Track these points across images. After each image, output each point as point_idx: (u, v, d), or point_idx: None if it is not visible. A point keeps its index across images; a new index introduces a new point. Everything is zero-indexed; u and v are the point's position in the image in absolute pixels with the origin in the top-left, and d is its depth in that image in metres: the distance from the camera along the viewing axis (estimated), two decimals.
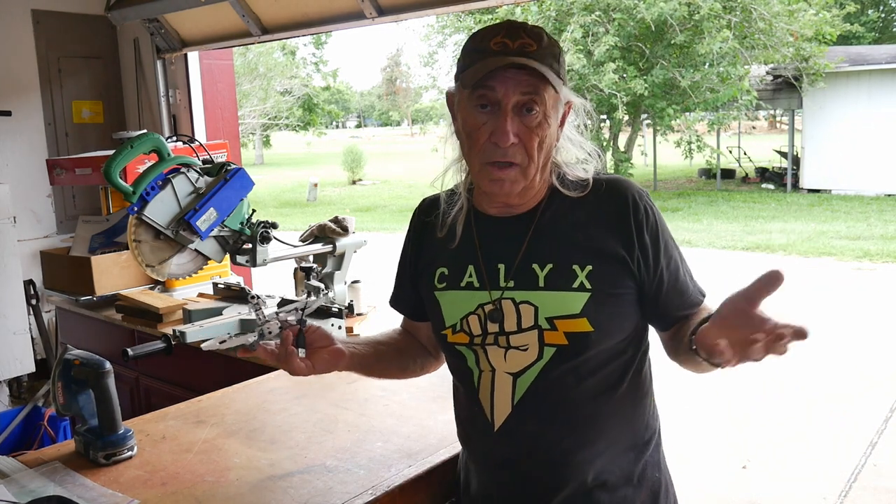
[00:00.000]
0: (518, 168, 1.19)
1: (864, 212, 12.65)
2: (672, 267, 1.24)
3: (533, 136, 1.18)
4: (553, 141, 1.22)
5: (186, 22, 3.48)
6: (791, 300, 7.29)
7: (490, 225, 1.28)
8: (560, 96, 1.19)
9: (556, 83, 1.17)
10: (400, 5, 2.71)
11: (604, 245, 1.21)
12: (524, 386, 1.22)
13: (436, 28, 18.25)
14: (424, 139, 28.26)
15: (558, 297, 1.20)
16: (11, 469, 1.48)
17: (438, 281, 1.31)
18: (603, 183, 1.25)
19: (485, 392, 1.26)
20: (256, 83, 22.16)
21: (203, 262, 1.96)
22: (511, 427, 1.23)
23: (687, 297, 1.26)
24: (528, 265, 1.23)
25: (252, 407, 1.80)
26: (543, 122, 1.18)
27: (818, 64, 14.43)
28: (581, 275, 1.19)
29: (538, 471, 1.24)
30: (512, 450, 1.25)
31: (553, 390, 1.21)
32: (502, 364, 1.23)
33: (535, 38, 1.17)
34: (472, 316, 1.25)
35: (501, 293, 1.23)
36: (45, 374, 3.42)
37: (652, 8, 13.73)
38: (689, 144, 15.54)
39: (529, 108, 1.17)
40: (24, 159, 3.57)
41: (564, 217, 1.24)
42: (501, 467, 1.27)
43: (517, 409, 1.23)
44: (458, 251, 1.30)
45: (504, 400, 1.23)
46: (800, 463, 3.86)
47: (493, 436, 1.25)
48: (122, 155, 1.78)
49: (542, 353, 1.21)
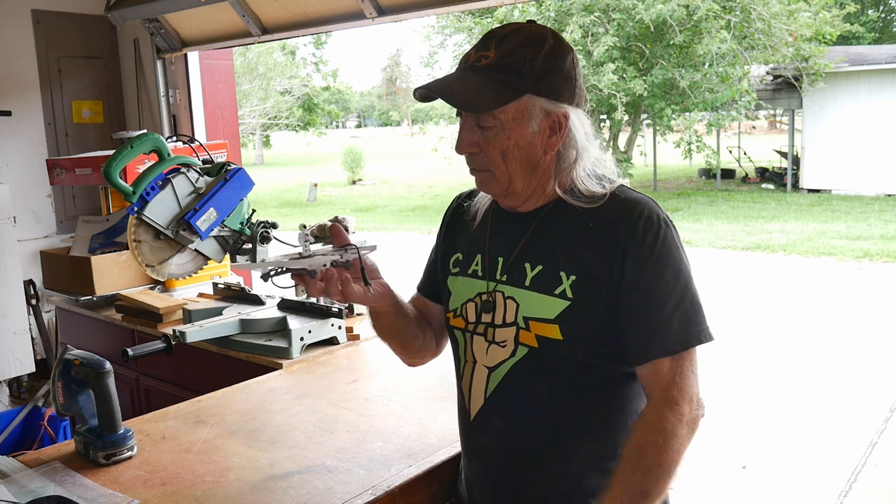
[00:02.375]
0: (489, 173, 1.24)
1: (864, 212, 12.65)
2: (654, 303, 1.17)
3: (490, 146, 1.21)
4: (532, 148, 1.21)
5: (186, 22, 3.48)
6: (791, 300, 7.30)
7: (502, 218, 1.32)
8: (528, 105, 1.19)
9: (503, 96, 1.17)
10: (400, 5, 2.71)
11: (591, 261, 1.19)
12: (496, 381, 1.26)
13: (436, 28, 18.25)
14: (424, 139, 28.23)
15: (538, 300, 1.22)
16: (11, 469, 1.48)
17: (453, 265, 1.37)
18: (620, 201, 1.22)
19: (466, 382, 1.32)
20: (256, 83, 22.14)
21: (203, 262, 1.96)
22: (483, 419, 1.29)
23: (652, 340, 1.17)
24: (521, 263, 1.26)
25: (252, 407, 1.80)
26: (501, 133, 1.20)
27: (818, 64, 14.43)
28: (566, 283, 1.20)
29: (508, 465, 1.28)
30: (485, 440, 1.30)
31: (519, 389, 1.24)
32: (483, 357, 1.28)
33: (498, 50, 1.19)
34: (471, 303, 1.30)
35: (496, 285, 1.27)
36: (45, 374, 3.42)
37: (651, 9, 13.72)
38: (688, 145, 15.54)
39: (482, 123, 1.21)
40: (24, 159, 3.57)
41: (565, 224, 1.24)
42: (478, 456, 1.33)
43: (488, 403, 1.27)
44: (473, 239, 1.35)
45: (479, 392, 1.28)
46: (800, 463, 3.86)
47: (470, 425, 1.31)
48: (122, 155, 1.78)
49: (516, 351, 1.24)
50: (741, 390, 4.85)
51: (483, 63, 1.19)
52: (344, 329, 2.25)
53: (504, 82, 1.18)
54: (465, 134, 1.22)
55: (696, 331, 1.17)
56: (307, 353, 2.16)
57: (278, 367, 2.08)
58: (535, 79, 1.18)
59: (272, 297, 2.50)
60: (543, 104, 1.19)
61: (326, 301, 2.36)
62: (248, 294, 2.53)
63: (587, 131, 1.24)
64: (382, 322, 1.37)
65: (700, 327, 1.18)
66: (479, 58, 1.20)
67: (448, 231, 1.43)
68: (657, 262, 1.17)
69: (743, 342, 5.86)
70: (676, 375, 1.16)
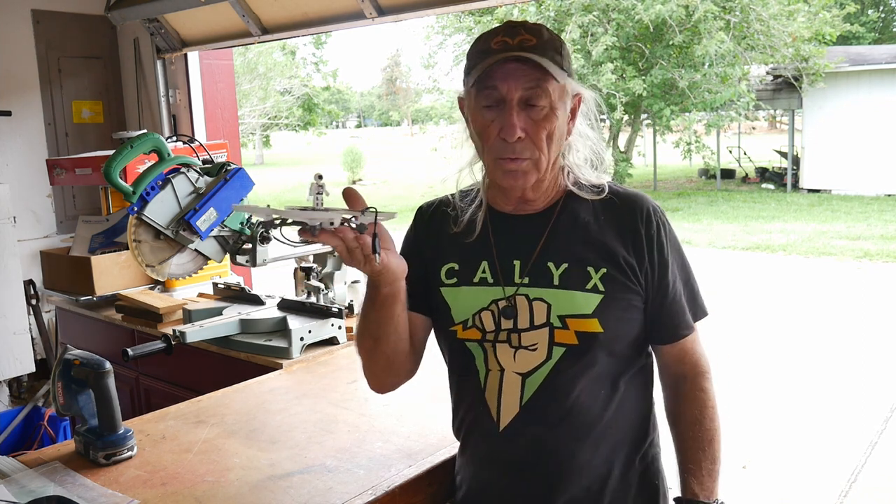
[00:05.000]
0: (529, 161, 1.21)
1: (864, 212, 12.64)
2: (675, 286, 1.28)
3: (540, 129, 1.19)
4: (563, 133, 1.24)
5: (186, 22, 3.48)
6: (791, 300, 7.30)
7: (505, 222, 1.29)
8: (566, 88, 1.21)
9: (559, 74, 1.18)
10: (400, 5, 2.71)
11: (617, 252, 1.24)
12: (533, 386, 1.22)
13: (436, 28, 18.25)
14: (424, 139, 28.24)
15: (571, 297, 1.22)
16: (11, 469, 1.48)
17: (446, 277, 1.30)
18: (620, 193, 1.29)
19: (492, 392, 1.25)
20: (256, 83, 22.13)
21: (203, 262, 1.96)
22: (517, 428, 1.23)
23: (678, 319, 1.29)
24: (543, 263, 1.24)
25: (252, 407, 1.80)
26: (550, 115, 1.19)
27: (818, 64, 14.42)
28: (595, 277, 1.22)
29: (541, 472, 1.24)
30: (516, 451, 1.25)
31: (562, 392, 1.22)
32: (511, 364, 1.23)
33: (534, 34, 1.19)
34: (486, 311, 1.25)
35: (516, 289, 1.24)
36: (45, 374, 3.42)
37: (650, 9, 13.72)
38: (687, 145, 15.54)
39: (534, 102, 1.18)
40: (24, 159, 3.57)
41: (581, 219, 1.26)
42: (504, 468, 1.27)
43: (524, 410, 1.23)
44: (471, 247, 1.29)
45: (512, 401, 1.23)
46: (800, 463, 3.86)
47: (496, 437, 1.25)
48: (122, 155, 1.78)
49: (552, 353, 1.21)
50: (741, 390, 4.85)
51: (530, 45, 1.18)
52: (344, 329, 2.25)
53: (558, 62, 1.19)
54: (514, 119, 1.17)
55: (701, 306, 1.33)
56: (307, 353, 2.16)
57: (278, 367, 2.08)
58: (568, 60, 1.22)
59: (272, 297, 2.50)
60: (574, 86, 1.23)
61: (326, 301, 2.36)
62: (248, 294, 2.53)
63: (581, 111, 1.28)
64: (385, 314, 1.20)
65: (703, 301, 1.33)
66: (521, 41, 1.17)
67: (426, 243, 1.34)
68: (670, 248, 1.27)
69: (743, 342, 5.86)
70: (698, 346, 1.32)
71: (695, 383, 1.31)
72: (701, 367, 1.31)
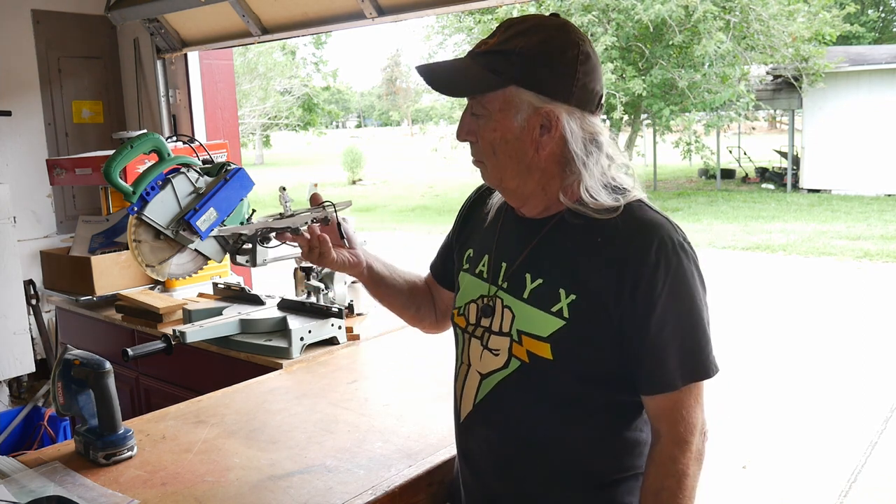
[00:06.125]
0: (482, 164, 1.21)
1: (864, 212, 12.64)
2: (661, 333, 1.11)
3: (482, 136, 1.18)
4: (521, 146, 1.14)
5: (186, 22, 3.48)
6: (791, 300, 7.30)
7: (513, 221, 1.28)
8: (517, 100, 1.12)
9: (494, 82, 1.12)
10: (400, 5, 2.71)
11: (595, 282, 1.12)
12: (486, 389, 1.24)
13: (436, 28, 18.24)
14: (424, 139, 28.24)
15: (533, 314, 1.17)
16: (11, 469, 1.48)
17: (465, 261, 1.35)
18: (634, 219, 1.13)
19: (459, 383, 1.30)
20: (256, 83, 22.13)
21: (203, 262, 1.96)
22: (469, 424, 1.28)
23: (657, 372, 1.13)
24: (522, 272, 1.21)
25: (252, 407, 1.80)
26: (489, 124, 1.15)
27: (818, 64, 14.43)
28: (563, 301, 1.14)
29: (489, 471, 1.27)
30: (473, 445, 1.29)
31: (508, 402, 1.22)
32: (477, 361, 1.26)
33: (500, 36, 1.15)
34: (473, 304, 1.28)
35: (497, 291, 1.24)
36: (45, 374, 3.42)
37: (649, 9, 13.72)
38: (687, 145, 15.54)
39: (473, 109, 1.18)
40: (24, 159, 3.57)
41: (571, 238, 1.17)
42: (464, 457, 1.33)
43: (476, 409, 1.26)
44: (484, 237, 1.32)
45: (469, 396, 1.27)
46: (800, 463, 3.86)
47: (460, 427, 1.31)
48: (122, 155, 1.78)
49: (509, 363, 1.20)
50: (741, 390, 4.85)
51: (482, 49, 1.16)
52: (344, 329, 2.25)
53: (491, 69, 1.12)
54: (465, 120, 1.19)
55: (702, 365, 1.13)
56: (307, 353, 2.16)
57: (278, 367, 2.08)
58: (523, 69, 1.11)
59: (272, 297, 2.50)
60: (530, 98, 1.12)
61: (326, 301, 2.36)
62: (248, 294, 2.53)
63: (595, 137, 1.14)
64: (372, 292, 1.47)
65: (707, 361, 1.13)
66: (482, 43, 1.17)
67: (465, 222, 1.40)
68: (668, 291, 1.10)
69: (743, 342, 5.86)
70: (683, 409, 1.13)
71: (664, 448, 1.13)
72: (678, 433, 1.12)
